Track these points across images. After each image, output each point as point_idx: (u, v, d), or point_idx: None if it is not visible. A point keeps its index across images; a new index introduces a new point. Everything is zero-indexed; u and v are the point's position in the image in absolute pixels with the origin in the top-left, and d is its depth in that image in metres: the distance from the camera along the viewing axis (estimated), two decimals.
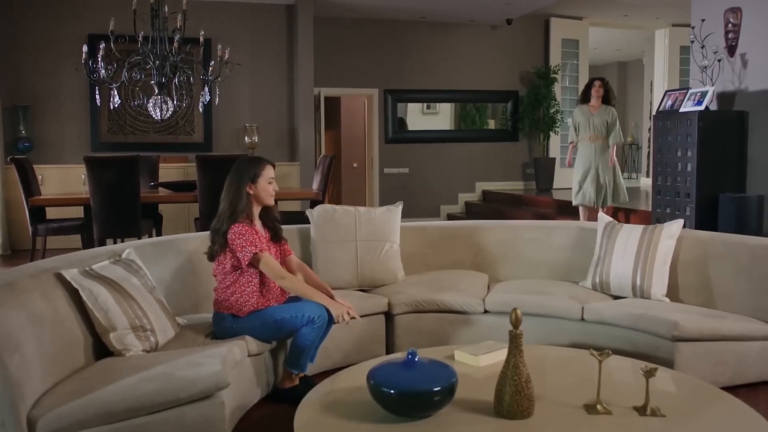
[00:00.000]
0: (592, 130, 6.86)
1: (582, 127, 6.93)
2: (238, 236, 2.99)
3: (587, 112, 6.93)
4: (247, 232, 3.00)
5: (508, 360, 2.21)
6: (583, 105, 7.01)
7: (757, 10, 5.04)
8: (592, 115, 6.91)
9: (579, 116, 7.00)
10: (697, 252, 3.71)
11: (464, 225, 4.56)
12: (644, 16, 10.47)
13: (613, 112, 6.89)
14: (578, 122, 7.00)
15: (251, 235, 3.01)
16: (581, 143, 6.97)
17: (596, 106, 6.90)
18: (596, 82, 6.94)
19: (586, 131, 6.88)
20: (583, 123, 6.91)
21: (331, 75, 9.77)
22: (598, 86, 6.90)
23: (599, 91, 6.87)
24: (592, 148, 6.87)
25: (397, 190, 10.20)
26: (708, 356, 3.18)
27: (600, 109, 6.89)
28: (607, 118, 6.85)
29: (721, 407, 2.34)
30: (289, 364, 3.08)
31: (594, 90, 6.91)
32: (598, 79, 7.01)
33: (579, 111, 7.04)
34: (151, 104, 6.00)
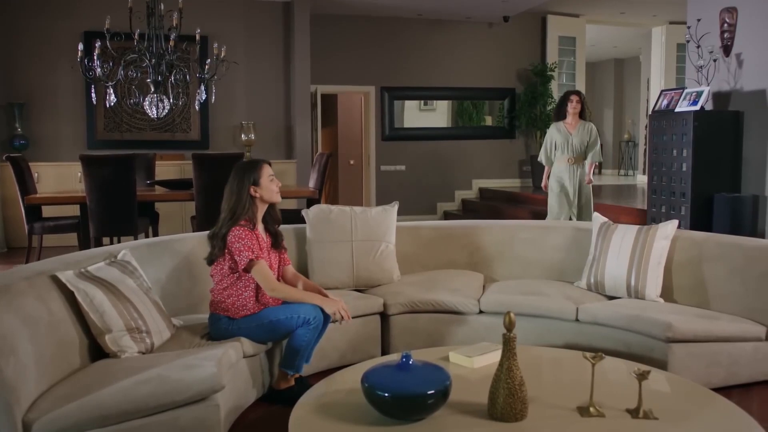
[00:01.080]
0: (570, 151, 6.19)
1: (559, 147, 6.26)
2: (238, 240, 2.99)
3: (564, 131, 6.24)
4: (247, 237, 3.01)
5: (501, 363, 2.22)
6: (558, 123, 6.32)
7: (752, 10, 5.04)
8: (570, 134, 6.20)
9: (555, 135, 6.29)
10: (692, 253, 3.73)
11: (459, 225, 4.57)
12: (641, 13, 10.48)
13: (592, 130, 6.22)
14: (554, 142, 6.31)
15: (250, 240, 3.01)
16: (557, 164, 6.29)
17: (573, 124, 6.21)
18: (573, 97, 6.22)
19: (563, 152, 6.22)
20: (560, 143, 6.24)
21: (327, 72, 9.77)
22: (575, 102, 6.19)
23: (576, 107, 6.18)
24: (569, 171, 6.22)
25: (393, 188, 10.21)
26: (701, 357, 3.20)
27: (578, 127, 6.20)
28: (586, 137, 6.20)
29: (712, 410, 2.35)
30: (285, 365, 3.09)
31: (571, 106, 6.20)
32: (575, 93, 6.30)
33: (555, 129, 6.33)
34: (147, 102, 5.98)
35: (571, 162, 6.15)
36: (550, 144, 6.33)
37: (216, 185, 5.52)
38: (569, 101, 6.22)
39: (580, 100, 6.20)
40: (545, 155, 6.38)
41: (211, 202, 5.61)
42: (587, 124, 6.22)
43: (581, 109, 6.20)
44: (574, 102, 6.18)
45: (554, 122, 6.42)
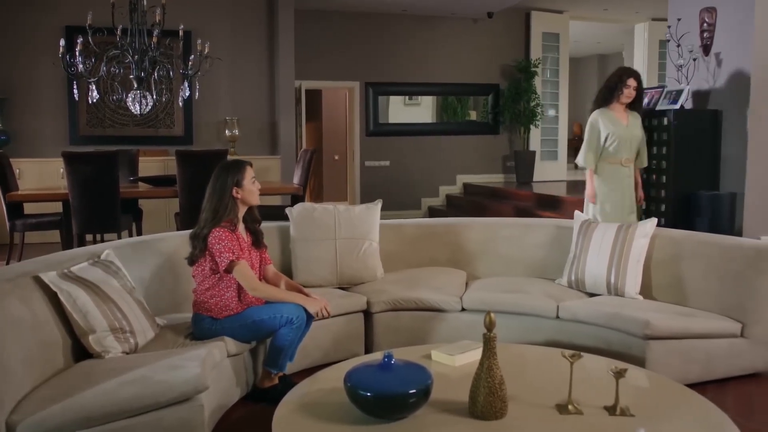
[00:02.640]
0: (628, 150, 4.79)
1: (616, 143, 4.75)
2: (218, 241, 3.01)
3: (618, 121, 4.78)
4: (227, 238, 3.02)
5: (482, 362, 2.26)
6: (606, 110, 4.81)
7: (731, 10, 5.11)
8: (625, 126, 4.79)
9: (609, 126, 4.76)
10: (670, 250, 3.79)
11: (442, 222, 4.61)
12: (624, 10, 10.56)
13: (641, 123, 4.93)
14: (607, 135, 4.76)
15: (231, 241, 3.03)
16: (607, 167, 4.82)
17: (625, 115, 4.82)
18: (630, 81, 4.72)
19: (618, 151, 4.76)
20: (615, 137, 4.75)
21: (312, 68, 9.76)
22: (633, 87, 4.73)
23: (632, 95, 4.76)
24: (622, 176, 4.82)
25: (378, 183, 10.23)
26: (678, 354, 3.26)
27: (630, 119, 4.82)
28: (638, 132, 4.85)
29: (687, 406, 2.41)
30: (268, 364, 3.12)
31: (627, 92, 4.73)
32: (633, 75, 4.76)
33: (607, 119, 4.78)
34: (131, 99, 5.95)
35: (627, 163, 4.82)
36: (599, 138, 4.80)
37: (200, 182, 5.50)
38: (625, 85, 4.73)
39: (638, 87, 4.78)
40: (593, 153, 4.82)
41: (195, 198, 5.58)
42: (637, 116, 4.88)
43: (636, 98, 4.81)
44: (632, 87, 4.74)
45: (598, 109, 4.87)
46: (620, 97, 4.76)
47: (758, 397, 3.21)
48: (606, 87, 4.89)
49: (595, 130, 4.82)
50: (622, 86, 4.74)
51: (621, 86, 4.75)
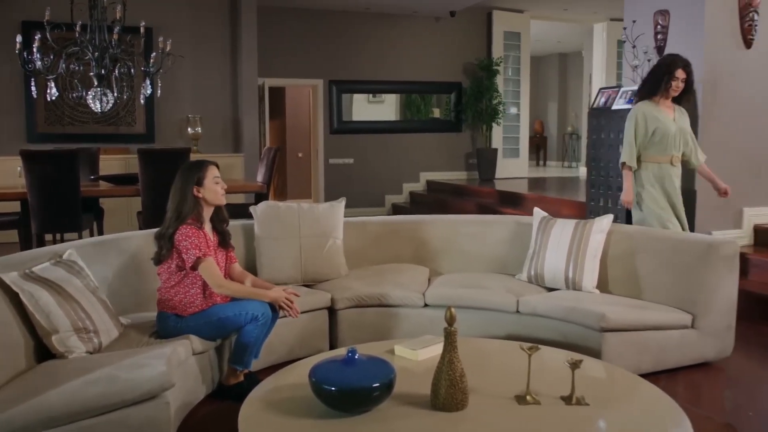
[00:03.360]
0: (675, 146, 4.33)
1: (663, 139, 4.29)
2: (185, 238, 3.02)
3: (664, 115, 4.30)
4: (194, 235, 3.04)
5: (443, 356, 2.32)
6: (650, 102, 4.34)
7: (683, 12, 5.28)
8: (672, 120, 4.31)
9: (654, 120, 4.29)
10: (625, 245, 3.92)
11: (405, 220, 4.68)
12: (583, 10, 10.78)
13: (688, 117, 4.47)
14: (654, 130, 4.29)
15: (197, 238, 3.05)
16: (651, 166, 4.36)
17: (672, 108, 4.37)
18: (679, 73, 4.23)
19: (667, 148, 4.30)
20: (665, 133, 4.28)
21: (275, 65, 9.74)
22: (682, 78, 4.26)
23: (680, 87, 4.29)
24: (671, 176, 4.39)
25: (342, 181, 10.27)
26: (633, 345, 3.38)
27: (677, 113, 4.37)
28: (686, 126, 4.41)
29: (639, 395, 2.51)
30: (234, 361, 3.14)
31: (675, 83, 4.26)
32: (685, 66, 4.27)
33: (651, 112, 4.31)
34: (91, 96, 5.88)
35: (676, 162, 4.39)
36: (647, 133, 4.30)
37: (162, 180, 5.51)
38: (673, 77, 4.24)
39: (687, 78, 4.28)
40: (634, 150, 4.35)
41: (157, 197, 5.57)
42: (683, 110, 4.45)
43: (684, 89, 4.32)
44: (680, 80, 4.25)
45: (642, 101, 4.38)
46: (668, 90, 4.25)
47: (707, 385, 3.35)
48: (652, 76, 4.35)
49: (637, 124, 4.28)
50: (670, 78, 4.23)
51: (669, 78, 4.23)
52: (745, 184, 5.39)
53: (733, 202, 5.34)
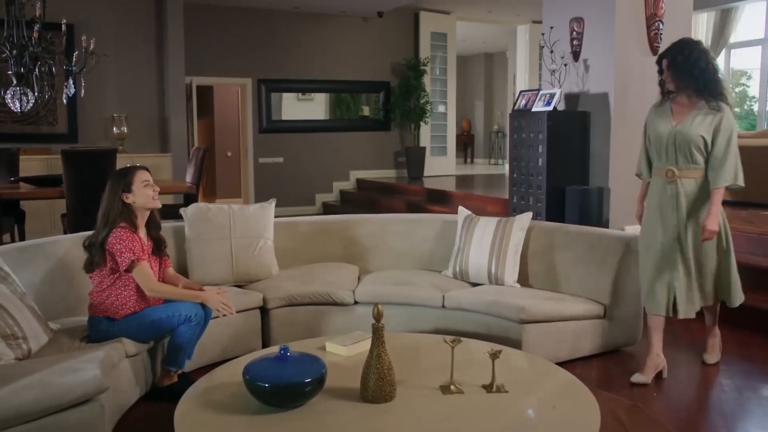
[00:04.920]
0: (668, 157, 3.48)
1: (655, 147, 3.54)
2: (118, 241, 3.03)
3: (666, 118, 3.52)
4: (128, 238, 3.05)
5: (371, 350, 2.45)
6: (659, 104, 3.61)
7: (596, 20, 5.59)
8: (672, 125, 3.46)
9: (651, 124, 3.59)
10: (544, 241, 4.15)
11: (335, 219, 4.79)
12: (506, 12, 11.13)
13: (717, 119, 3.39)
14: (648, 136, 3.61)
15: (131, 241, 3.06)
16: (653, 179, 3.59)
17: (691, 108, 3.45)
18: (664, 61, 3.50)
19: (660, 157, 3.52)
20: (657, 139, 3.52)
21: (203, 64, 9.64)
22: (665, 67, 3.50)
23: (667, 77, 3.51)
24: (669, 195, 3.47)
25: (272, 180, 10.27)
26: (550, 335, 3.61)
27: (695, 115, 3.42)
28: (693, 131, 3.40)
29: (555, 381, 2.71)
30: (167, 362, 3.17)
31: (661, 77, 3.58)
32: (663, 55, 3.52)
33: (654, 115, 3.61)
34: (10, 96, 5.70)
35: (672, 178, 3.46)
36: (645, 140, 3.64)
37: (88, 181, 5.45)
38: (660, 70, 3.56)
39: (669, 66, 3.45)
40: (639, 157, 3.69)
41: (83, 199, 5.48)
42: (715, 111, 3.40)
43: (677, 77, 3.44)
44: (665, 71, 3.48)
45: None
46: (661, 86, 3.58)
47: (617, 370, 3.60)
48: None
49: (644, 130, 3.66)
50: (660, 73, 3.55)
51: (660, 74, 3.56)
52: None
53: None
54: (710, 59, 3.42)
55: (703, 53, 3.41)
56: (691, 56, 3.38)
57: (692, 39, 3.57)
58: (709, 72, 3.38)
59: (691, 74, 3.38)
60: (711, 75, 3.39)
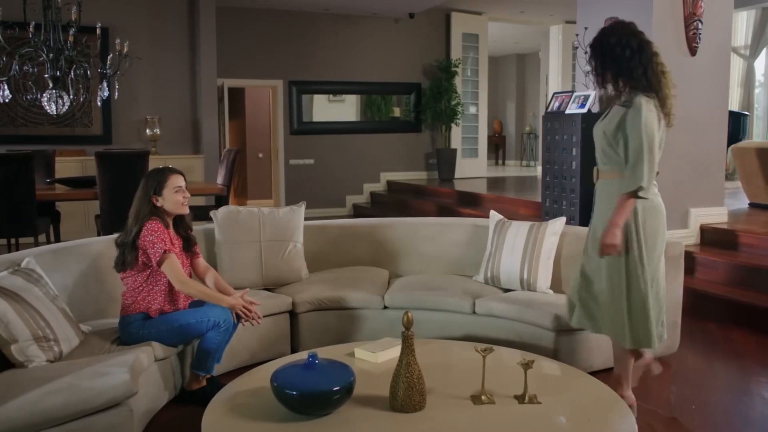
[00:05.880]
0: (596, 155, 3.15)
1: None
2: (151, 233, 3.03)
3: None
4: (160, 230, 3.05)
5: (401, 359, 2.40)
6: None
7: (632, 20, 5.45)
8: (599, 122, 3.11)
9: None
10: (578, 246, 4.00)
11: (365, 222, 4.75)
12: (539, 12, 10.99)
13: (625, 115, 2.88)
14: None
15: (163, 233, 3.06)
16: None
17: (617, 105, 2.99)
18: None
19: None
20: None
21: (234, 66, 9.70)
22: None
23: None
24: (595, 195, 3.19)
25: (302, 181, 10.28)
26: (584, 343, 3.52)
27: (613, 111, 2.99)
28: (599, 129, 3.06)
29: (589, 392, 2.63)
30: (196, 366, 3.17)
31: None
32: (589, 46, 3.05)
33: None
34: (46, 99, 5.80)
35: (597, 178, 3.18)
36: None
37: (121, 183, 5.50)
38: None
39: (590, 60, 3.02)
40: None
41: (115, 200, 5.53)
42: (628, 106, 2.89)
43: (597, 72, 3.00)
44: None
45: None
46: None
47: (654, 380, 3.50)
48: None
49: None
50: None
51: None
52: (692, 186, 5.61)
53: (680, 202, 5.56)
54: (629, 44, 2.88)
55: (623, 37, 2.90)
56: (608, 43, 2.92)
57: (615, 23, 3.04)
58: (623, 61, 2.87)
59: (606, 64, 2.93)
60: (626, 64, 2.87)
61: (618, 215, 2.84)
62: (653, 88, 2.89)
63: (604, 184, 3.04)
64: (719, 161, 5.77)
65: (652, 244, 2.89)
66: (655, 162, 2.86)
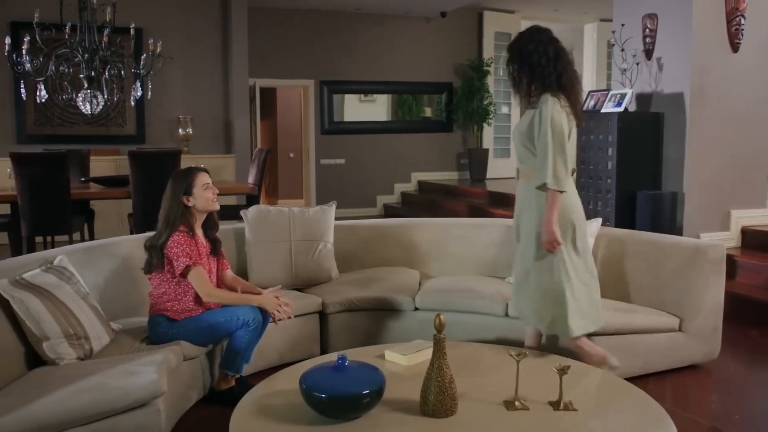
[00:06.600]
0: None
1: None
2: (176, 245, 3.03)
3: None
4: (186, 243, 3.04)
5: (432, 362, 2.35)
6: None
7: (671, 17, 5.32)
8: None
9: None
10: (614, 249, 3.95)
11: (396, 223, 4.70)
12: (573, 10, 10.82)
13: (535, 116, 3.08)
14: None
15: (189, 246, 3.05)
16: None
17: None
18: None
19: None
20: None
21: (266, 66, 9.73)
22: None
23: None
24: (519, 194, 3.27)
25: (333, 181, 10.27)
26: (621, 348, 3.40)
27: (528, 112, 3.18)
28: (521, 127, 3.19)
29: (627, 399, 2.54)
30: (225, 366, 3.15)
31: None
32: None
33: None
34: (81, 98, 5.86)
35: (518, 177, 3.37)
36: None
37: (153, 182, 5.53)
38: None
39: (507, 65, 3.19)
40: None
41: (148, 199, 5.56)
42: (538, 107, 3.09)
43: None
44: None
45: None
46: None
47: (694, 388, 3.39)
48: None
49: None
50: None
51: None
52: (733, 187, 5.45)
53: (721, 204, 5.41)
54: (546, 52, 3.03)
55: (540, 45, 3.04)
56: (526, 50, 3.07)
57: (532, 29, 3.15)
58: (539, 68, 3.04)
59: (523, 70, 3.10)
60: (541, 72, 3.04)
61: (548, 211, 2.98)
62: (565, 93, 3.06)
63: (524, 182, 3.16)
64: (762, 161, 5.59)
65: (563, 235, 3.02)
66: (566, 156, 3.00)
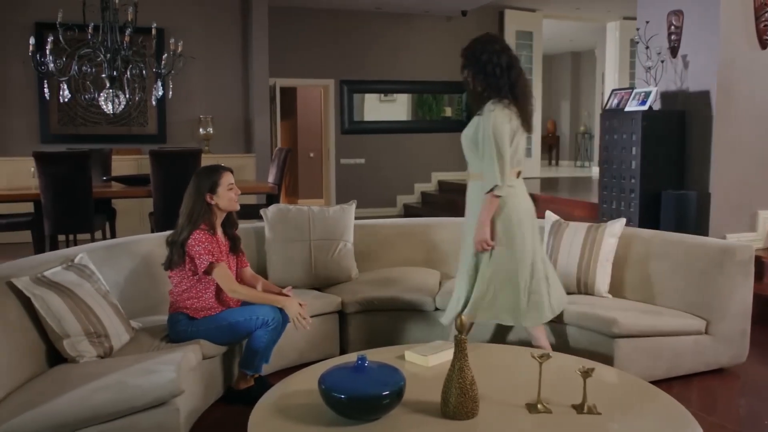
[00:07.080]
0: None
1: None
2: (198, 243, 3.02)
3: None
4: (207, 241, 3.04)
5: (453, 364, 2.30)
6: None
7: (697, 13, 5.23)
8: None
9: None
10: (639, 249, 3.88)
11: (416, 222, 4.67)
12: (596, 8, 10.70)
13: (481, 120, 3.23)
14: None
15: (210, 244, 3.05)
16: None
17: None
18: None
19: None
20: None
21: (286, 65, 9.74)
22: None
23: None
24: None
25: (353, 181, 10.26)
26: (645, 351, 3.35)
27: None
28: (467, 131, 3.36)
29: (652, 403, 2.48)
30: (244, 365, 3.14)
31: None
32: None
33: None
34: (103, 98, 5.92)
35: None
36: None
37: (174, 181, 5.55)
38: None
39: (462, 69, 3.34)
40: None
41: (169, 198, 5.59)
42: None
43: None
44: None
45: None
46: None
47: (721, 392, 3.31)
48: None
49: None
50: None
51: None
52: (761, 186, 5.33)
53: (748, 204, 5.30)
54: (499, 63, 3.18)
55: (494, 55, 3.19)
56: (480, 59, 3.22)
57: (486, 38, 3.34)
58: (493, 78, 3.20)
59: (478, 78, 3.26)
60: (495, 81, 3.20)
61: (483, 213, 3.15)
62: (517, 102, 3.19)
63: (472, 184, 3.34)
64: None
65: (512, 233, 3.17)
66: (505, 162, 3.13)
